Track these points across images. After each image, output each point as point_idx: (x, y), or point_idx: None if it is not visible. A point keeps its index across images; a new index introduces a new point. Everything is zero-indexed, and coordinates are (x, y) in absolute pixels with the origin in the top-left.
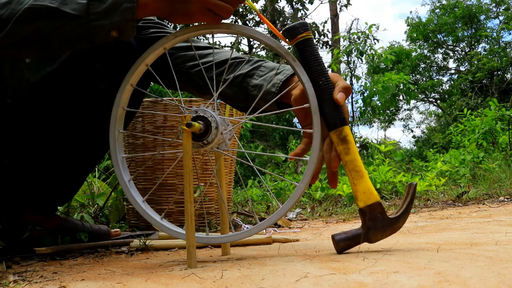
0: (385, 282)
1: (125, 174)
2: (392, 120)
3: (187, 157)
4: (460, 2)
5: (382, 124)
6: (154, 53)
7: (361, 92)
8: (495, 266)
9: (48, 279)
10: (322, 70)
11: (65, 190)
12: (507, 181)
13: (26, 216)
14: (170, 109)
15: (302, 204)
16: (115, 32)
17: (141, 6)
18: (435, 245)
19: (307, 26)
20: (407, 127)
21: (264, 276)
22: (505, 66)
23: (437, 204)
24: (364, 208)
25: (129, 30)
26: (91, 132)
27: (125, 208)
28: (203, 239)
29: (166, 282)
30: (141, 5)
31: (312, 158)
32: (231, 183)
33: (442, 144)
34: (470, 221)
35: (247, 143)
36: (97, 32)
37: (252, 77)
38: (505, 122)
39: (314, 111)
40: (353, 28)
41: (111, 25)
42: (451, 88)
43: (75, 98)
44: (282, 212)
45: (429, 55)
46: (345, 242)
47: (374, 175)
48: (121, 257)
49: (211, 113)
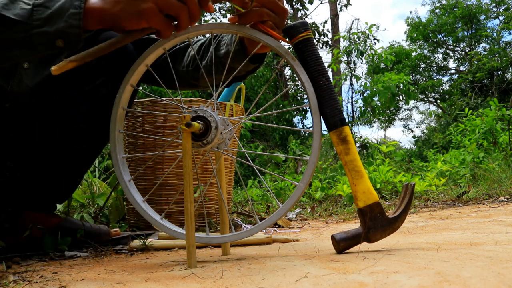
0: (385, 282)
1: (125, 174)
2: (392, 120)
3: (187, 157)
4: (460, 2)
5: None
6: (154, 53)
7: (361, 92)
8: (495, 266)
9: (48, 279)
10: (322, 70)
11: (64, 186)
12: (507, 181)
13: (26, 215)
14: (170, 109)
15: (302, 204)
16: (61, 41)
17: (88, 11)
18: (435, 245)
19: (307, 25)
20: (407, 127)
21: (264, 276)
22: (505, 66)
23: (437, 204)
24: (364, 208)
25: (74, 38)
26: (89, 128)
27: (125, 208)
28: (203, 239)
29: (166, 282)
30: (88, 10)
31: (312, 158)
32: (231, 183)
33: (442, 144)
34: (470, 221)
35: (247, 143)
36: (40, 40)
37: (219, 50)
38: (505, 122)
39: (314, 111)
40: (353, 28)
41: (56, 33)
42: (451, 88)
43: (72, 95)
44: (282, 212)
45: (429, 55)
46: (345, 242)
47: (374, 175)
48: (121, 257)
49: (210, 113)
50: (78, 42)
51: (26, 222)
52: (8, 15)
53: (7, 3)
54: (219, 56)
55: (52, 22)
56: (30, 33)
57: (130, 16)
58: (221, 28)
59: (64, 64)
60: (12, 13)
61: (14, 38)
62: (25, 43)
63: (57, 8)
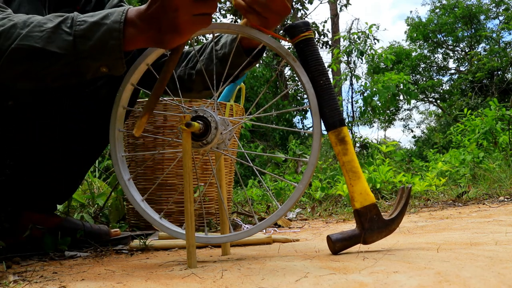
0: (385, 282)
1: (125, 173)
2: (392, 120)
3: (186, 157)
4: (460, 2)
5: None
6: (155, 53)
7: (361, 92)
8: (495, 266)
9: (48, 279)
10: (323, 70)
11: (64, 187)
12: (507, 181)
13: (26, 215)
14: (170, 109)
15: (302, 204)
16: (105, 68)
17: (128, 41)
18: (435, 245)
19: (309, 25)
20: (407, 127)
21: (264, 276)
22: (505, 66)
23: (437, 204)
24: (360, 209)
25: (119, 67)
26: (90, 128)
27: (125, 208)
28: (203, 239)
29: (166, 282)
30: (128, 40)
31: (312, 159)
32: (231, 183)
33: (442, 144)
34: (470, 221)
35: (247, 143)
36: (86, 69)
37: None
38: (505, 122)
39: (314, 112)
40: (353, 28)
41: (99, 63)
42: (451, 88)
43: (74, 95)
44: (281, 213)
45: (429, 55)
46: (341, 243)
47: (374, 175)
48: (121, 257)
49: (210, 113)
50: (121, 69)
51: (26, 222)
52: (53, 49)
53: (49, 36)
54: (216, 49)
55: (94, 55)
56: (76, 64)
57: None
58: (222, 28)
59: (139, 122)
60: (56, 46)
61: (62, 70)
62: (73, 73)
63: (98, 39)
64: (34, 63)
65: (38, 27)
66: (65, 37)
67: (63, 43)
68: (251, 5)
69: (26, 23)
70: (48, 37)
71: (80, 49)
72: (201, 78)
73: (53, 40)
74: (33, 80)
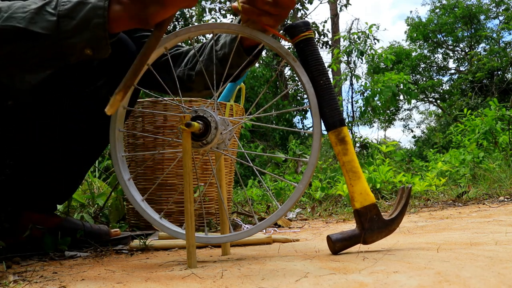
0: (385, 282)
1: (125, 172)
2: (392, 120)
3: (186, 157)
4: (460, 2)
5: (382, 124)
6: (155, 53)
7: (361, 92)
8: (495, 266)
9: (48, 279)
10: (323, 70)
11: (64, 187)
12: (507, 181)
13: (26, 215)
14: (170, 109)
15: (302, 204)
16: (89, 50)
17: (112, 19)
18: (435, 245)
19: (309, 25)
20: (407, 127)
21: (264, 276)
22: (505, 66)
23: (437, 204)
24: (360, 209)
25: (103, 48)
26: (90, 128)
27: (125, 208)
28: (203, 239)
29: (166, 282)
30: (113, 18)
31: (312, 159)
32: (231, 183)
33: (442, 144)
34: (470, 221)
35: (247, 143)
36: (70, 51)
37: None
38: (505, 122)
39: (314, 112)
40: (353, 28)
41: (83, 43)
42: (451, 88)
43: (74, 95)
44: (281, 213)
45: (429, 55)
46: (341, 243)
47: (374, 175)
48: (121, 257)
49: (210, 113)
50: (106, 51)
51: (26, 222)
52: (36, 29)
53: (32, 16)
54: (216, 50)
55: (78, 33)
56: (60, 44)
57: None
58: (222, 28)
59: (113, 100)
60: (40, 27)
61: (45, 51)
62: (56, 54)
63: (82, 18)
64: (17, 44)
65: (22, 8)
66: (49, 18)
67: (46, 23)
68: (262, 8)
69: (10, 7)
70: (31, 17)
71: (63, 29)
72: (201, 78)
73: (36, 21)
74: (16, 64)
